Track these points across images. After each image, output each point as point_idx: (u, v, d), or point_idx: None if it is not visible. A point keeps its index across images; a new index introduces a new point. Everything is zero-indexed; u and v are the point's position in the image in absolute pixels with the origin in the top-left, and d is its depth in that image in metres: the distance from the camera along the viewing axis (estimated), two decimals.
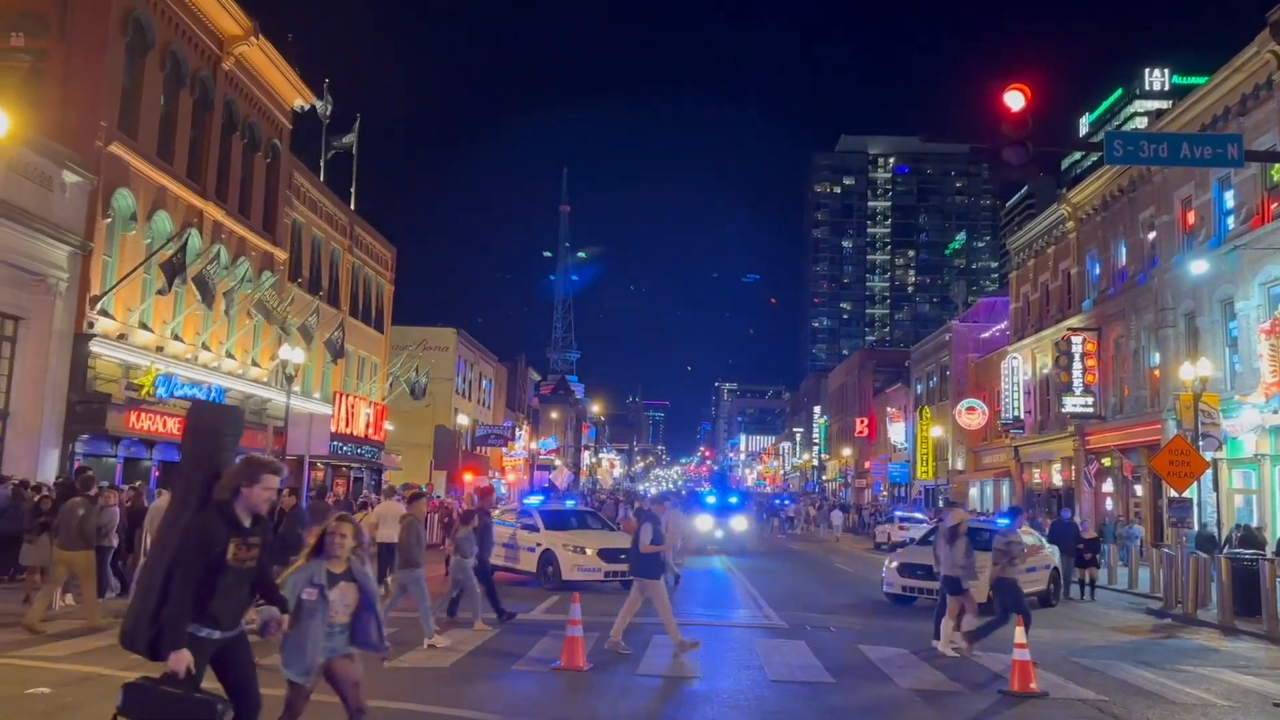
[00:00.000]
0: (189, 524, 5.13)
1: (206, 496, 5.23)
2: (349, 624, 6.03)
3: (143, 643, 5.10)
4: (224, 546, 5.13)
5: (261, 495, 5.34)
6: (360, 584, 6.03)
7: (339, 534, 6.02)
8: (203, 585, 5.07)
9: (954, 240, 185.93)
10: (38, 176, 21.56)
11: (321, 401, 37.27)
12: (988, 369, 49.72)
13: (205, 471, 5.31)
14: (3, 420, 21.46)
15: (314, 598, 5.84)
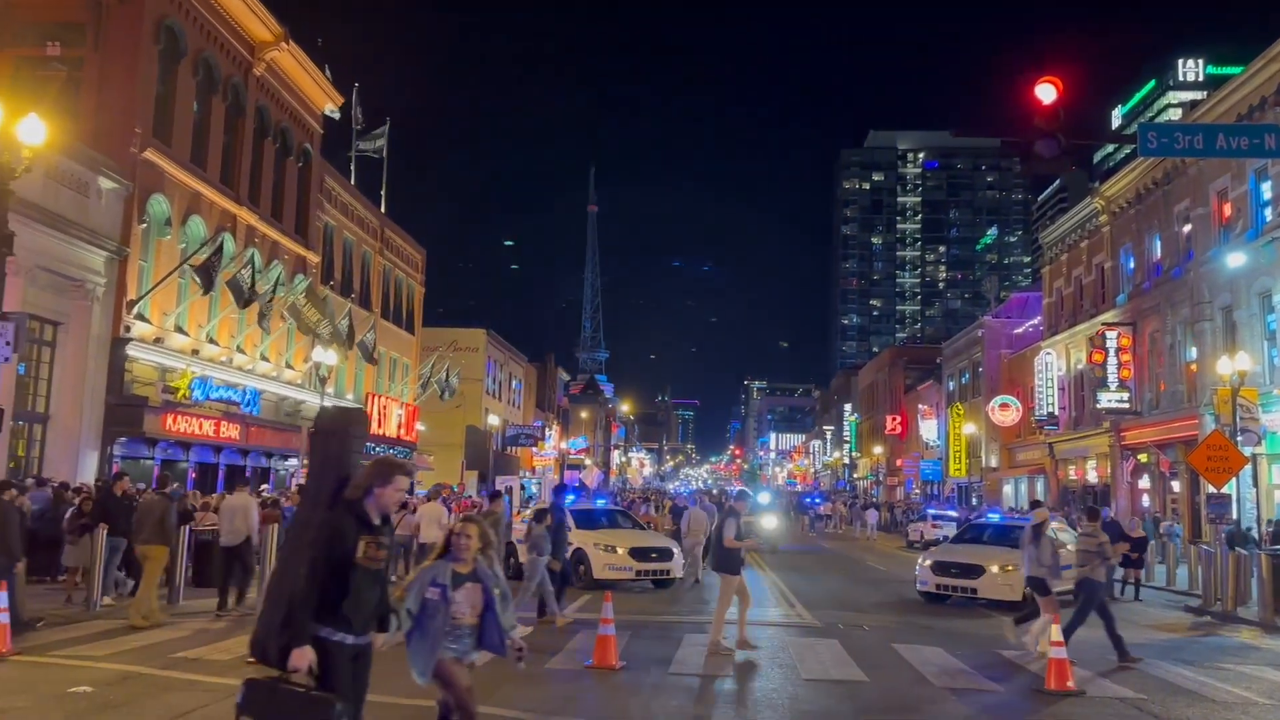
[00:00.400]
0: (321, 523, 5.08)
1: (337, 497, 5.18)
2: (477, 626, 5.97)
3: (275, 651, 4.95)
4: (354, 543, 5.06)
5: (393, 496, 5.30)
6: (484, 585, 5.97)
7: (464, 535, 5.99)
8: (333, 584, 4.97)
9: (985, 235, 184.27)
10: (75, 183, 21.90)
11: (354, 403, 37.57)
12: (1021, 365, 49.25)
13: (335, 473, 5.27)
14: (43, 423, 21.83)
15: (436, 597, 5.82)
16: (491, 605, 5.96)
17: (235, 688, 9.25)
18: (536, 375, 75.29)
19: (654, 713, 9.13)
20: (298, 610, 4.89)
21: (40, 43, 24.68)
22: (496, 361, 60.88)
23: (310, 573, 4.91)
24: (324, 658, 4.90)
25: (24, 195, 17.44)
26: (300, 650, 4.83)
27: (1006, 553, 18.56)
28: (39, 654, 10.68)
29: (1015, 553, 18.49)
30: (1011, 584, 17.64)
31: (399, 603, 5.72)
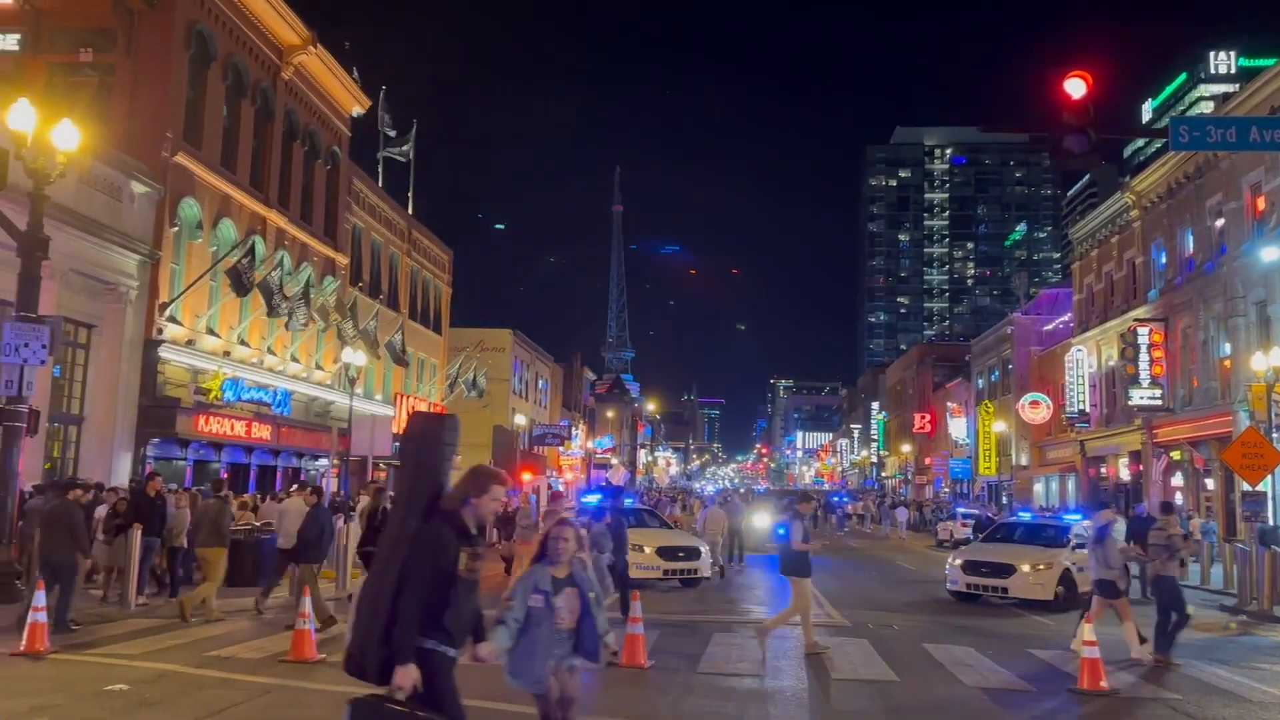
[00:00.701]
0: (419, 534, 4.93)
1: (432, 507, 5.05)
2: (574, 631, 5.81)
3: (373, 665, 4.80)
4: (455, 556, 4.95)
5: (490, 506, 5.19)
6: (580, 589, 5.81)
7: (561, 538, 5.81)
8: (436, 598, 4.85)
9: (1014, 231, 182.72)
10: (107, 188, 22.19)
11: (383, 403, 37.83)
12: (1051, 362, 48.81)
13: (430, 481, 5.14)
14: (78, 425, 22.13)
15: (540, 604, 5.65)
16: (588, 610, 5.80)
17: (267, 686, 9.44)
18: (563, 375, 75.47)
19: (684, 711, 9.13)
20: (402, 627, 4.75)
21: (73, 49, 25.06)
22: (523, 361, 61.09)
23: (415, 591, 4.78)
24: (429, 671, 4.78)
25: (58, 200, 17.70)
26: (405, 669, 4.69)
27: (1038, 551, 18.44)
28: (75, 652, 10.83)
29: (1047, 551, 18.40)
30: (1043, 583, 17.52)
31: (505, 610, 5.58)
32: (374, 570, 5.08)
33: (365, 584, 5.06)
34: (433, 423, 5.39)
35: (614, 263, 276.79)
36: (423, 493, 5.09)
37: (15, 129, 14.50)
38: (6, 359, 14.58)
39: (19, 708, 8.30)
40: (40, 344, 14.49)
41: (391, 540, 5.07)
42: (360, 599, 5.02)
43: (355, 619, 5.00)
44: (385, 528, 5.29)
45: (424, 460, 5.19)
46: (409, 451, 5.27)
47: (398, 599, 4.80)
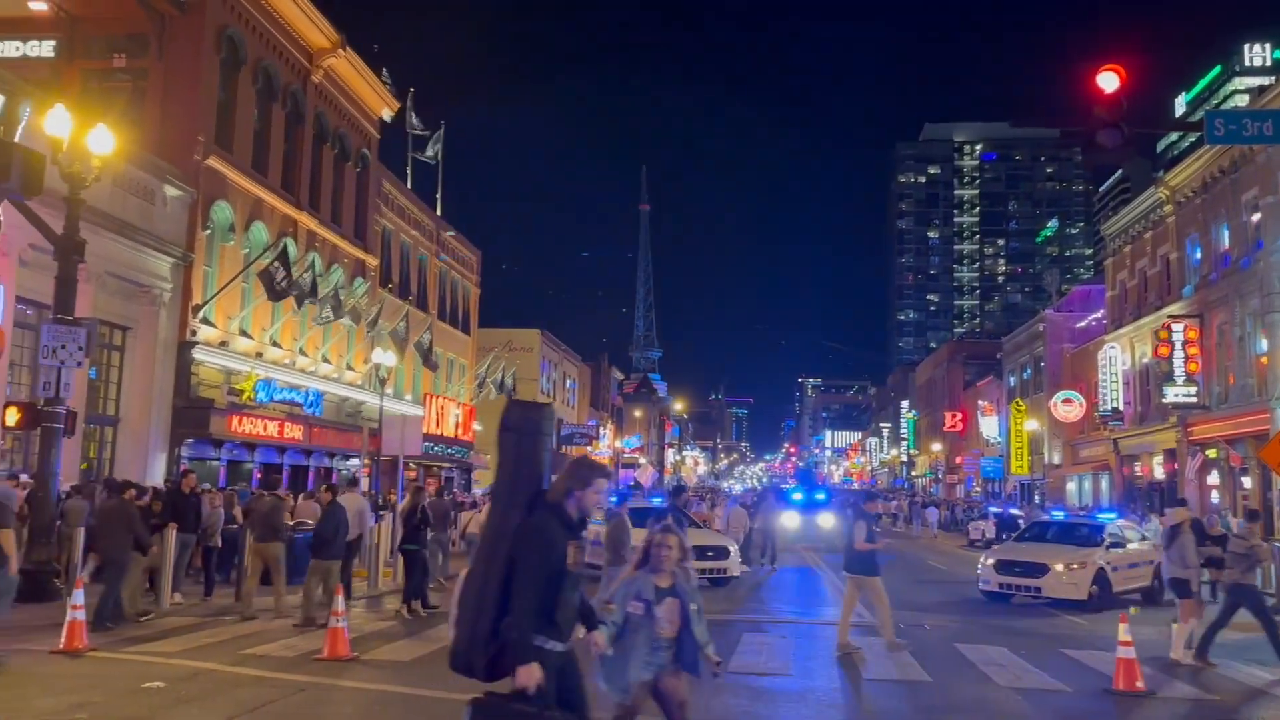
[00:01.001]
0: (526, 527, 4.81)
1: (535, 499, 4.93)
2: (674, 641, 5.64)
3: (480, 662, 4.70)
4: (563, 549, 4.83)
5: (594, 499, 5.06)
6: (682, 600, 5.64)
7: (665, 546, 5.65)
8: (545, 593, 4.74)
9: (1045, 228, 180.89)
10: (141, 191, 22.47)
11: (413, 403, 38.06)
12: (1084, 359, 48.29)
13: (531, 473, 5.03)
14: (113, 426, 22.43)
15: (640, 612, 5.53)
16: (689, 622, 5.63)
17: (302, 684, 9.51)
18: (590, 374, 75.61)
19: (715, 711, 9.11)
20: (519, 624, 4.63)
21: (107, 55, 25.41)
22: (551, 361, 61.26)
23: (528, 586, 4.68)
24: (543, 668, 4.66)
25: (93, 203, 17.94)
26: (527, 668, 4.58)
27: (1072, 551, 18.26)
28: (113, 650, 10.97)
29: (1080, 551, 18.21)
30: (1077, 583, 17.34)
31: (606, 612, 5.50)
32: (475, 565, 4.97)
33: (467, 579, 4.95)
34: (531, 412, 5.21)
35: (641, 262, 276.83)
36: (524, 485, 4.99)
37: (51, 134, 14.73)
38: (44, 361, 14.81)
39: (60, 705, 8.42)
40: (77, 346, 14.70)
41: (493, 534, 4.96)
42: (462, 594, 4.91)
43: (458, 615, 4.89)
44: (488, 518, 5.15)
45: (524, 451, 5.06)
46: (508, 442, 5.13)
47: (506, 594, 4.70)
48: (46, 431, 14.87)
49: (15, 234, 17.01)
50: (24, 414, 15.29)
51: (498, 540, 4.88)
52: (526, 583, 4.68)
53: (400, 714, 8.62)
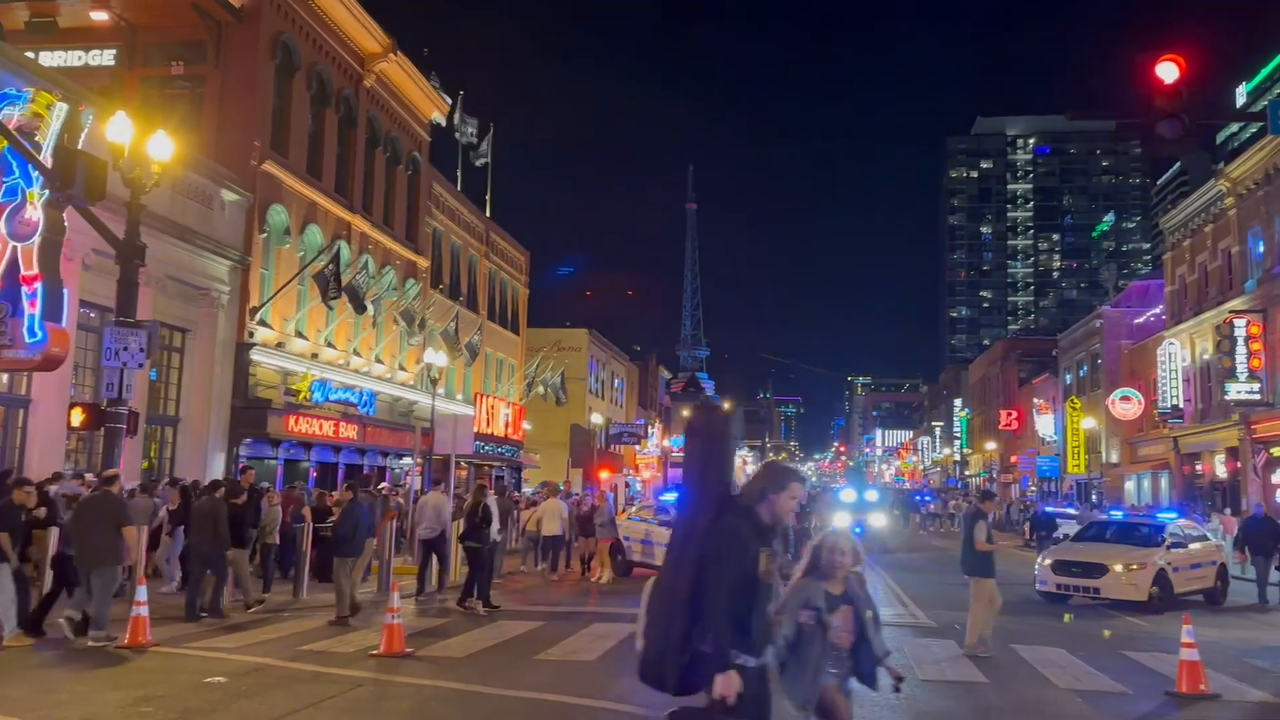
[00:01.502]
0: (717, 532, 4.59)
1: (724, 504, 4.74)
2: (850, 652, 5.34)
3: (673, 675, 4.49)
4: (755, 557, 4.61)
5: (788, 504, 4.83)
6: (855, 608, 5.33)
7: (836, 550, 5.33)
8: (739, 603, 4.52)
9: (1102, 222, 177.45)
10: (199, 196, 22.94)
11: (463, 403, 38.40)
12: (1143, 356, 47.33)
13: (720, 477, 4.84)
14: (174, 426, 22.92)
15: (811, 621, 5.20)
16: (865, 632, 5.32)
17: (359, 679, 9.64)
18: (638, 374, 75.68)
19: None
20: (714, 632, 4.41)
21: (166, 63, 25.97)
22: (599, 361, 61.41)
23: (720, 591, 4.46)
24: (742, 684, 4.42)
25: (153, 208, 18.35)
26: (726, 677, 4.33)
27: (1131, 551, 17.92)
28: (174, 645, 11.22)
29: (1140, 551, 17.85)
30: (1136, 584, 17.02)
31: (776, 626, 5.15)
32: (664, 572, 4.79)
33: (655, 587, 4.77)
34: (719, 417, 5.08)
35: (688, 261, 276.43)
36: (712, 490, 4.80)
37: (113, 141, 15.07)
38: (107, 362, 15.16)
39: (126, 698, 8.64)
40: (139, 347, 15.03)
41: (681, 540, 4.78)
42: (650, 602, 4.74)
43: (647, 624, 4.71)
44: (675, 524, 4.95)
45: (712, 455, 4.91)
46: (695, 448, 4.99)
47: (696, 602, 4.49)
48: (110, 432, 15.21)
49: (79, 239, 17.45)
50: (88, 415, 15.67)
51: (686, 547, 4.69)
52: (719, 590, 4.46)
53: (456, 710, 8.71)
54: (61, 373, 17.83)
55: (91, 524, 11.37)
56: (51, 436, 18.48)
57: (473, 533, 15.33)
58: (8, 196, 16.52)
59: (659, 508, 23.13)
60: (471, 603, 14.87)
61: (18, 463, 17.84)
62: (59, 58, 25.06)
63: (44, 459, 18.04)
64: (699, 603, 4.48)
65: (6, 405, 18.42)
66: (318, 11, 27.77)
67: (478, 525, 15.36)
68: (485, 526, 15.42)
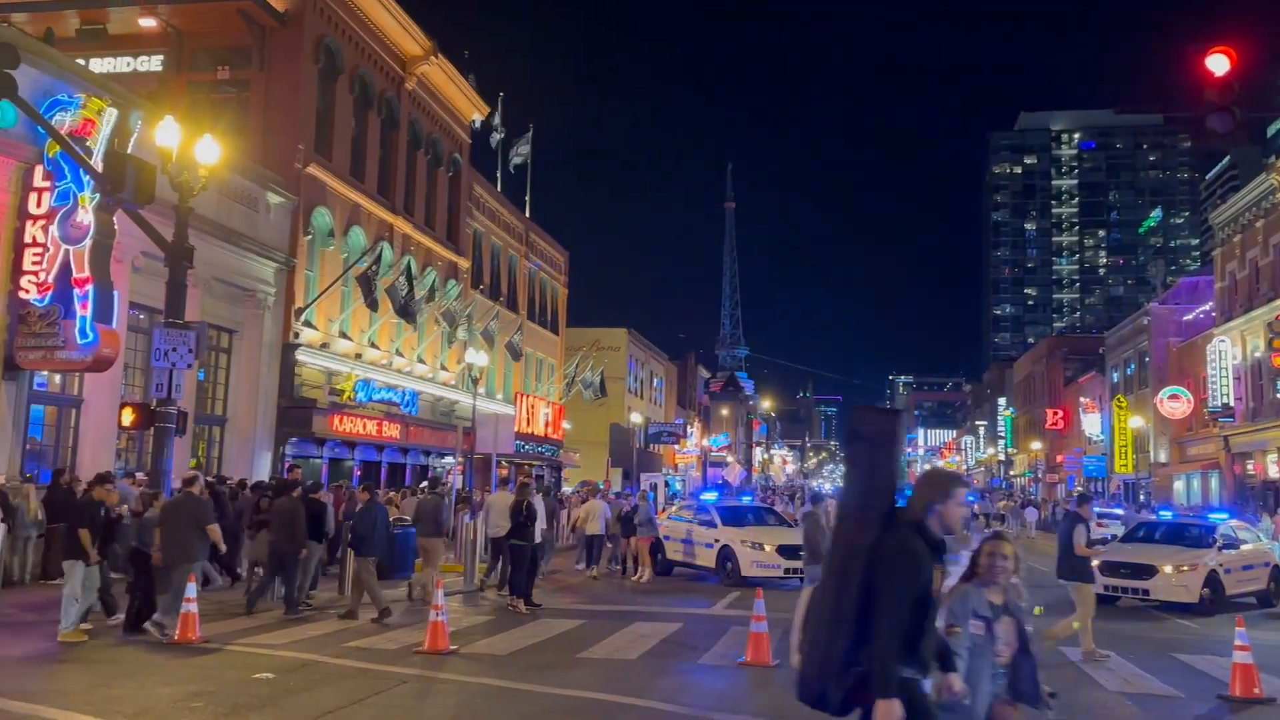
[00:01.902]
0: (890, 548, 4.36)
1: (890, 515, 4.49)
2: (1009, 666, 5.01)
3: (835, 695, 4.32)
4: (930, 574, 4.38)
5: (957, 512, 4.56)
6: (1017, 619, 5.01)
7: (1001, 556, 5.01)
8: (912, 623, 4.29)
9: (1149, 218, 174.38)
10: (245, 199, 23.28)
11: (504, 402, 38.62)
12: (1192, 354, 46.47)
13: (886, 486, 4.59)
14: (221, 425, 23.28)
15: (981, 632, 4.86)
16: (1027, 645, 5.01)
17: (404, 676, 9.74)
18: (677, 373, 75.62)
19: (811, 711, 9.03)
20: (883, 655, 4.21)
21: (212, 68, 26.39)
22: (638, 360, 61.46)
23: (894, 610, 4.25)
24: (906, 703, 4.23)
25: (201, 211, 18.65)
26: (888, 704, 4.15)
27: (1181, 552, 17.59)
28: (223, 641, 11.40)
29: (1190, 552, 17.52)
30: (1187, 585, 16.71)
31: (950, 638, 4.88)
32: (826, 585, 4.56)
33: (813, 600, 4.57)
34: (886, 420, 4.78)
35: (726, 260, 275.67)
36: (877, 499, 4.56)
37: (161, 145, 15.34)
38: (156, 363, 15.44)
39: (178, 694, 8.79)
40: (187, 348, 15.28)
41: (844, 552, 4.53)
42: (808, 617, 4.54)
43: (804, 640, 4.52)
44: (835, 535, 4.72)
45: (878, 462, 4.64)
46: (859, 453, 4.72)
47: (862, 620, 4.29)
48: (159, 431, 15.49)
49: (128, 242, 17.79)
50: (138, 414, 15.96)
51: (850, 559, 4.45)
52: (891, 609, 4.24)
53: (500, 707, 8.76)
54: (112, 373, 18.19)
55: (175, 524, 11.97)
56: (102, 436, 18.86)
57: (518, 531, 15.42)
58: (60, 200, 16.90)
59: (699, 507, 23.11)
60: (513, 601, 14.96)
61: (70, 461, 18.23)
62: (108, 64, 25.56)
63: (95, 458, 18.41)
64: (866, 624, 4.28)
65: (59, 405, 18.82)
66: (360, 15, 28.07)
67: (522, 524, 15.44)
68: (530, 525, 15.49)
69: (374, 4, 28.40)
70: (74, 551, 11.35)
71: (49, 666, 10.04)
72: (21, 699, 8.34)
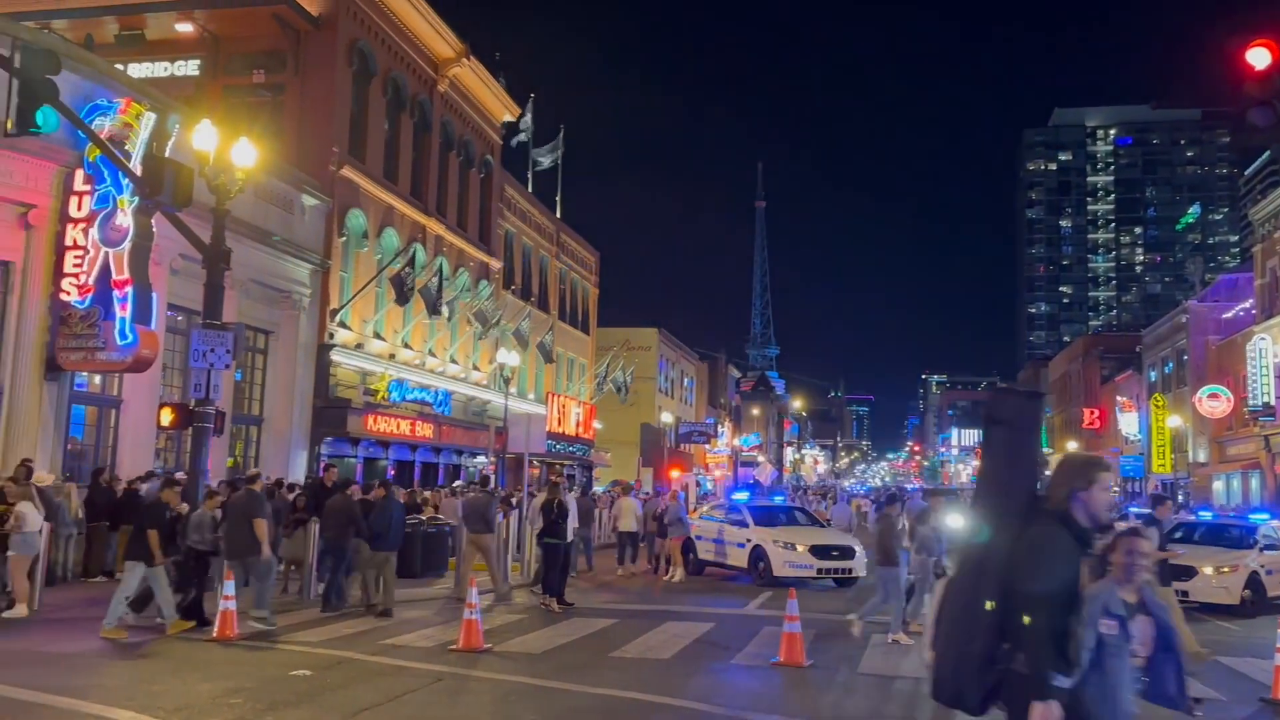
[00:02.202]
0: (1034, 540, 4.14)
1: (1031, 505, 4.27)
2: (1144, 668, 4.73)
3: (974, 694, 4.16)
4: (1078, 568, 4.18)
5: (1102, 498, 4.30)
6: (1156, 617, 4.72)
7: (1137, 552, 4.71)
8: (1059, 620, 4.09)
9: (1187, 214, 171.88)
10: (281, 201, 23.53)
11: (535, 402, 38.75)
12: (1231, 352, 45.74)
13: (1027, 473, 4.37)
14: (258, 425, 23.55)
15: (1114, 631, 4.56)
16: (1170, 644, 4.72)
17: (439, 673, 9.81)
18: (708, 372, 75.51)
19: (848, 711, 9.01)
20: (1035, 655, 4.01)
21: (247, 72, 26.69)
22: (668, 360, 61.43)
23: (1044, 606, 4.05)
24: None
25: (237, 214, 18.87)
26: (1045, 706, 3.95)
27: (1221, 553, 17.33)
28: (261, 639, 11.52)
29: (1231, 553, 17.25)
30: (1227, 586, 16.46)
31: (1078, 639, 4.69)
32: (960, 580, 4.37)
33: (946, 595, 4.40)
34: (1027, 403, 4.49)
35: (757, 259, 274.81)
36: (1018, 488, 4.33)
37: (199, 148, 15.54)
38: (194, 364, 15.63)
39: (217, 690, 8.91)
40: (225, 349, 15.46)
41: (982, 548, 4.32)
42: (942, 613, 4.37)
43: (938, 636, 4.36)
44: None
45: (1017, 447, 4.41)
46: (996, 438, 4.48)
47: (1001, 616, 4.10)
48: (198, 431, 15.67)
49: (166, 244, 18.04)
50: (177, 414, 16.17)
51: (988, 553, 4.24)
52: (1039, 606, 4.03)
53: (534, 705, 8.80)
54: (151, 374, 18.46)
55: (237, 520, 12.45)
56: (141, 436, 19.14)
57: (550, 529, 15.48)
58: (100, 204, 17.18)
59: (730, 506, 23.06)
60: (546, 600, 15.02)
61: (110, 461, 18.51)
62: (146, 69, 25.94)
63: (134, 458, 18.70)
64: (1007, 620, 4.09)
65: (99, 405, 19.13)
66: (393, 18, 28.28)
67: (554, 522, 15.50)
68: (562, 523, 15.55)
69: (407, 7, 28.61)
70: (139, 553, 11.65)
71: (92, 662, 10.21)
72: (65, 694, 8.49)
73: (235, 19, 26.05)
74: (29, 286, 17.24)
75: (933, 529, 14.07)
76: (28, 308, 17.19)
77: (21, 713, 7.99)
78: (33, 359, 17.14)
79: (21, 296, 17.22)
